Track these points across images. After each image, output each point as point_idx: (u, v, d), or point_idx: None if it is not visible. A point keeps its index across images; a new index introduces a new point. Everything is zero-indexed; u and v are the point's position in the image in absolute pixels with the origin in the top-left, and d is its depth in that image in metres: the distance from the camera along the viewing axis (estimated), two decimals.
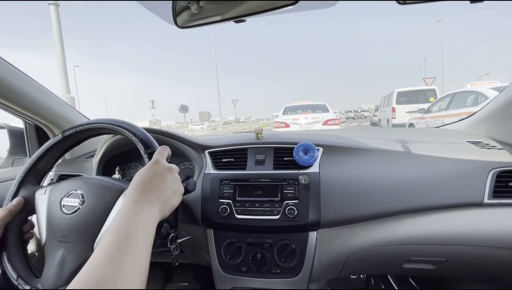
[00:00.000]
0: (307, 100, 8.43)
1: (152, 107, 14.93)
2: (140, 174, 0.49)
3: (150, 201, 0.46)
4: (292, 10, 0.67)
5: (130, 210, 0.43)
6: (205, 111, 26.84)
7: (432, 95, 9.00)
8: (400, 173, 0.77)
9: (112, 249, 0.37)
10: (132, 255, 0.37)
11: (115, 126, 0.62)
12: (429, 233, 0.73)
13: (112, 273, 0.34)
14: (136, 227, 0.41)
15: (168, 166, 0.53)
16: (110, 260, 0.35)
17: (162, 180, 0.50)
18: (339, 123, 7.22)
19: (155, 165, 0.51)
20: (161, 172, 0.50)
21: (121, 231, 0.39)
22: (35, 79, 0.96)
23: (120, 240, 0.38)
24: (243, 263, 0.79)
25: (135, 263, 0.37)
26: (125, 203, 0.45)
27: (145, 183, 0.48)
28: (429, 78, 13.13)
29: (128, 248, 0.37)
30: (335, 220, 0.75)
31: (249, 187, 0.81)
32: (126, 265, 0.36)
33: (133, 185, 0.47)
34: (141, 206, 0.44)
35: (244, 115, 76.72)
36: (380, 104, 12.01)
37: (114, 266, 0.35)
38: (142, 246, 0.40)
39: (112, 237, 0.39)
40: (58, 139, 0.65)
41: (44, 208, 0.58)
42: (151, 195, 0.47)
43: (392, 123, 8.97)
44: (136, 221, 0.42)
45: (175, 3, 0.75)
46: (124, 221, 0.41)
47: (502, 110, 0.91)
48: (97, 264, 0.35)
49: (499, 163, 0.73)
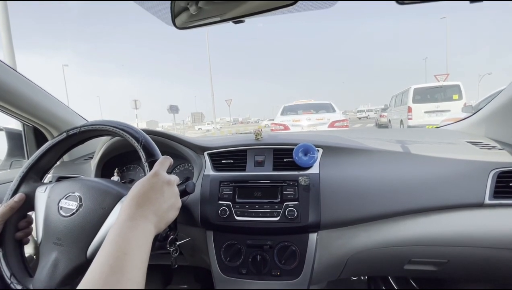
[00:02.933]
0: (310, 99, 7.23)
1: (135, 107, 13.95)
2: (138, 186, 0.48)
3: (146, 215, 0.45)
4: (291, 10, 0.67)
5: (125, 225, 0.42)
6: (198, 112, 26.63)
7: (456, 92, 7.74)
8: (401, 174, 0.77)
9: (108, 269, 0.36)
10: (129, 276, 0.37)
11: (119, 129, 0.62)
12: (429, 234, 0.73)
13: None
14: (132, 244, 0.40)
15: (167, 179, 0.52)
16: (106, 282, 0.35)
17: (160, 194, 0.49)
18: (347, 125, 6.04)
19: (154, 177, 0.50)
20: (160, 185, 0.49)
21: (116, 249, 0.39)
22: (33, 80, 0.96)
23: (116, 259, 0.38)
24: (243, 265, 0.78)
25: (132, 283, 0.37)
26: (121, 218, 0.44)
27: (142, 196, 0.47)
28: (441, 74, 11.63)
29: (124, 268, 0.37)
30: (336, 221, 0.75)
31: (249, 189, 0.80)
32: (122, 285, 0.35)
33: (130, 196, 0.47)
34: (136, 221, 0.44)
35: (241, 116, 76.59)
36: (390, 103, 10.53)
37: (111, 288, 0.34)
38: (139, 263, 0.39)
39: (107, 256, 0.38)
40: (62, 138, 0.65)
41: (42, 207, 0.58)
42: (147, 209, 0.46)
43: (408, 124, 7.87)
44: (132, 237, 0.41)
45: (173, 4, 0.74)
46: (119, 237, 0.40)
47: (502, 110, 0.91)
48: (93, 285, 0.35)
49: (500, 164, 0.73)
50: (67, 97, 33.31)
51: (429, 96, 8.06)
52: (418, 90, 8.11)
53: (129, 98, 17.34)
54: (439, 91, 8.10)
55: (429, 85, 8.37)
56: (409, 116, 7.96)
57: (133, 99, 13.99)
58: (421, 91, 8.09)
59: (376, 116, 15.83)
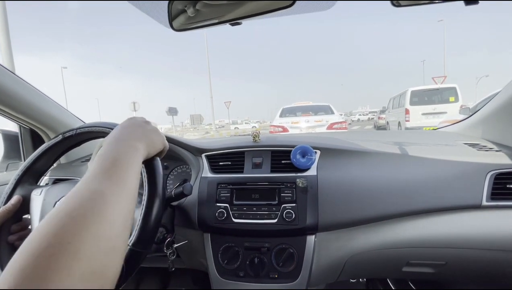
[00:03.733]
0: (308, 101, 7.34)
1: (134, 109, 13.77)
2: (119, 125, 0.49)
3: (131, 140, 0.45)
4: (288, 12, 0.67)
5: (115, 147, 0.42)
6: (196, 114, 26.54)
7: (452, 94, 7.93)
8: (398, 175, 0.77)
9: (106, 177, 0.36)
10: (122, 175, 0.37)
11: None
12: (427, 236, 0.73)
13: (114, 188, 0.34)
14: (126, 158, 0.40)
15: (144, 119, 0.53)
16: (109, 177, 0.35)
17: (139, 127, 0.50)
18: (346, 127, 6.17)
19: (130, 119, 0.52)
20: (138, 122, 0.51)
21: (111, 159, 0.39)
22: (31, 82, 0.95)
23: (113, 164, 0.38)
24: (240, 268, 0.78)
25: (131, 185, 0.37)
26: (106, 142, 0.43)
27: (123, 131, 0.47)
28: (438, 76, 11.90)
29: (122, 173, 0.37)
30: (333, 223, 0.74)
31: (247, 191, 0.80)
32: (126, 181, 0.36)
33: (113, 132, 0.47)
34: (126, 143, 0.44)
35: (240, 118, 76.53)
36: (388, 105, 10.79)
37: (113, 182, 0.35)
38: (131, 171, 0.39)
39: (103, 165, 0.37)
40: (58, 140, 0.65)
41: (38, 209, 0.57)
42: (131, 136, 0.46)
43: (406, 126, 8.04)
44: (123, 153, 0.41)
45: (171, 6, 0.74)
46: (112, 155, 0.40)
47: (499, 112, 0.92)
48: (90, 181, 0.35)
49: (497, 165, 0.73)
50: (65, 99, 33.27)
51: (426, 98, 8.16)
52: (415, 92, 8.23)
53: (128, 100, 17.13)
54: (436, 94, 8.23)
55: (426, 87, 8.48)
56: (406, 118, 8.08)
57: (131, 101, 13.87)
58: (418, 94, 8.21)
59: (375, 118, 16.17)
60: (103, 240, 0.28)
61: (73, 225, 0.27)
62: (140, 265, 0.49)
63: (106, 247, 0.28)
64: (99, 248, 0.27)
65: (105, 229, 0.29)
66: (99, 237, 0.28)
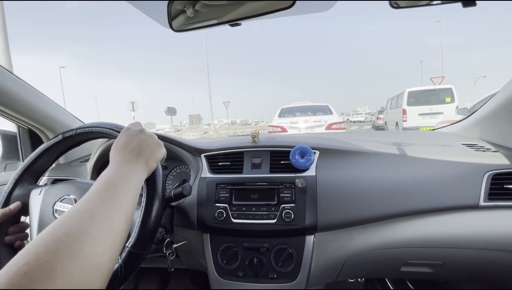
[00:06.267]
0: (307, 101, 7.26)
1: (132, 109, 13.65)
2: (115, 146, 0.49)
3: (130, 162, 0.46)
4: (288, 13, 0.68)
5: (113, 170, 0.43)
6: (195, 114, 26.58)
7: (448, 95, 8.03)
8: (397, 176, 0.77)
9: (98, 198, 0.37)
10: (121, 199, 0.38)
11: (115, 131, 0.61)
12: (425, 236, 0.73)
13: (105, 208, 0.35)
14: (123, 180, 0.41)
15: (139, 129, 0.53)
16: (101, 198, 0.36)
17: (138, 140, 0.50)
18: (345, 127, 6.13)
19: (126, 131, 0.52)
20: (134, 134, 0.51)
21: (107, 181, 0.40)
22: (29, 82, 0.95)
23: (109, 185, 0.39)
24: (239, 268, 0.78)
25: (126, 205, 0.38)
26: (109, 168, 0.44)
27: (122, 149, 0.48)
28: (436, 77, 11.72)
29: (117, 194, 0.38)
30: (332, 223, 0.75)
31: (246, 191, 0.80)
32: (120, 202, 0.37)
33: (113, 154, 0.48)
34: (125, 165, 0.45)
35: (239, 118, 76.46)
36: (386, 106, 10.92)
37: (105, 202, 0.36)
38: (126, 194, 0.40)
39: (98, 187, 0.38)
40: (58, 140, 0.65)
41: (37, 209, 0.57)
42: (132, 155, 0.47)
43: (403, 126, 8.14)
44: (122, 175, 0.42)
45: (170, 6, 0.74)
46: (109, 176, 0.41)
47: (496, 113, 0.92)
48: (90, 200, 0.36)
49: (494, 166, 0.74)
50: (63, 99, 33.15)
51: (423, 99, 8.27)
52: (412, 93, 8.34)
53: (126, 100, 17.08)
54: (433, 94, 8.33)
55: (423, 88, 8.58)
56: (403, 118, 8.17)
57: (130, 101, 13.76)
58: (415, 94, 8.32)
59: (373, 118, 16.34)
60: (84, 257, 0.28)
61: (52, 243, 0.27)
62: (139, 266, 0.49)
63: (88, 265, 0.28)
64: (80, 265, 0.28)
65: (89, 247, 0.29)
66: (81, 255, 0.28)
